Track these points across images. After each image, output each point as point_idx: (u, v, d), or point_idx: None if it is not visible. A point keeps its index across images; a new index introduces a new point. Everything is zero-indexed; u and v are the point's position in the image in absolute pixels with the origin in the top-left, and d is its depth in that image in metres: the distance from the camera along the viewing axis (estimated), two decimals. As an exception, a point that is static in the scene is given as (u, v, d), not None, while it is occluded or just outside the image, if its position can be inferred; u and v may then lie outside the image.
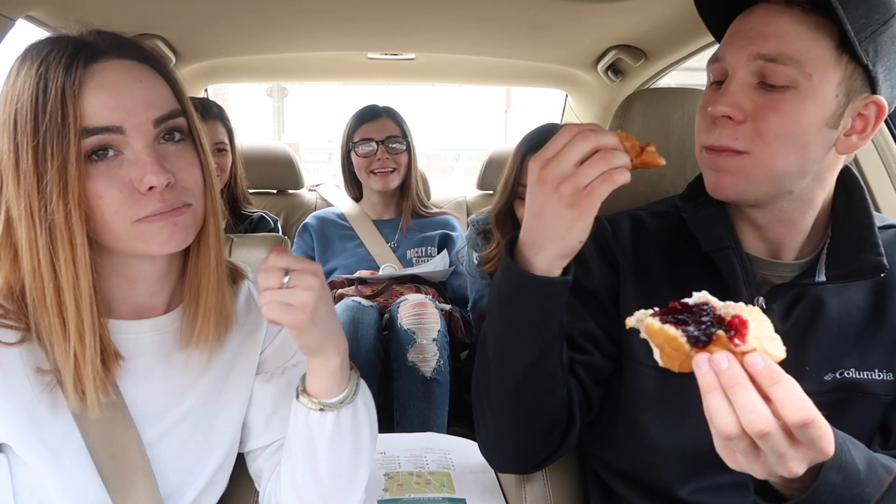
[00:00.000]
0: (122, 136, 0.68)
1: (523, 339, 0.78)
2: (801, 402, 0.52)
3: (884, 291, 0.81)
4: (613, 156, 0.65)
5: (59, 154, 0.64)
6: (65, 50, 0.67)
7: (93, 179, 0.67)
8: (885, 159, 1.33)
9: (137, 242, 0.70)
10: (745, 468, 0.58)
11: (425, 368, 1.59)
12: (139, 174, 0.68)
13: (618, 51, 1.88)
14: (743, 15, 0.77)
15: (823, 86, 0.72)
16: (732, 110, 0.73)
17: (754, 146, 0.73)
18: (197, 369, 0.83)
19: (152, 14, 1.47)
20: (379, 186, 1.99)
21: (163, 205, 0.69)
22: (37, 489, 0.71)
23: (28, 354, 0.71)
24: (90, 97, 0.66)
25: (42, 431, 0.70)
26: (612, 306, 0.90)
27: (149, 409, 0.79)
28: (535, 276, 0.73)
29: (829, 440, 0.54)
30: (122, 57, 0.70)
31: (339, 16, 1.68)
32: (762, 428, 0.52)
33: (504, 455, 0.92)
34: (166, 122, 0.71)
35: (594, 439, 0.94)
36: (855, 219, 0.81)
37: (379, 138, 1.96)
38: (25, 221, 0.66)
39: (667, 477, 0.85)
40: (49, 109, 0.64)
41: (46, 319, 0.68)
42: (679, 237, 0.88)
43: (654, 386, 0.85)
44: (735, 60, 0.74)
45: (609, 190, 0.66)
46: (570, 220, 0.69)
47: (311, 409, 0.79)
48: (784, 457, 0.54)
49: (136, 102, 0.68)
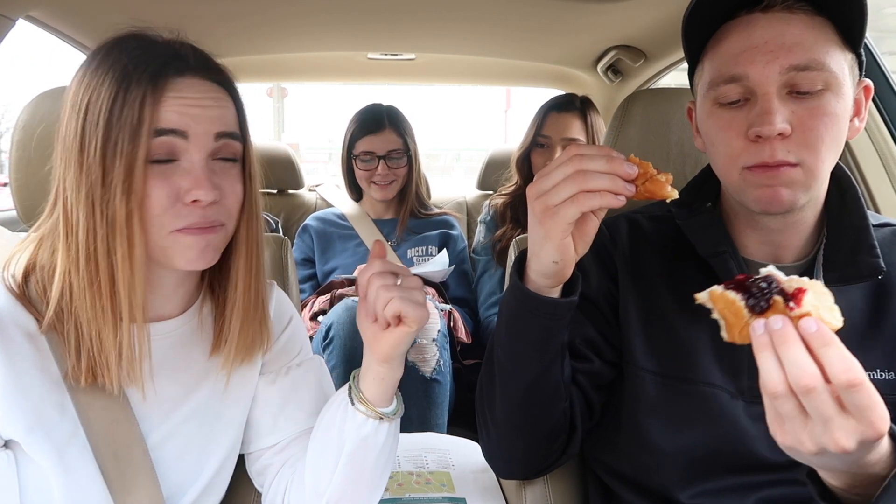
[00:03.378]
0: (184, 142, 0.70)
1: (528, 355, 0.80)
2: (849, 363, 0.52)
3: (883, 291, 0.81)
4: (588, 178, 0.65)
5: (129, 151, 0.67)
6: (155, 57, 0.70)
7: (148, 180, 0.69)
8: (885, 159, 1.33)
9: (168, 252, 0.72)
10: (793, 441, 0.56)
11: (425, 368, 1.59)
12: (189, 185, 0.70)
13: (617, 51, 1.88)
14: (741, 29, 0.75)
15: (846, 80, 0.74)
16: (785, 127, 0.71)
17: (805, 155, 0.72)
18: (202, 371, 0.83)
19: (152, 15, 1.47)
20: (379, 196, 2.00)
21: (201, 220, 0.71)
22: (42, 486, 0.71)
23: (37, 352, 0.71)
24: (167, 104, 0.69)
25: (49, 430, 0.70)
26: (610, 312, 0.90)
27: (154, 411, 0.79)
28: (538, 296, 0.75)
29: (882, 416, 0.53)
30: (205, 77, 0.74)
31: (339, 16, 1.68)
32: (807, 383, 0.52)
33: (508, 463, 0.93)
34: (225, 140, 0.74)
35: (595, 442, 0.94)
36: (850, 219, 0.81)
37: (380, 153, 1.95)
38: (85, 211, 0.68)
39: (667, 480, 0.85)
40: (126, 109, 0.67)
41: (98, 304, 0.69)
42: (677, 242, 0.88)
43: (655, 391, 0.85)
44: (764, 77, 0.72)
45: (575, 213, 0.67)
46: (541, 237, 0.71)
47: (370, 418, 0.79)
48: (830, 423, 0.53)
49: (204, 114, 0.72)
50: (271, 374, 0.91)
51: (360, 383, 0.80)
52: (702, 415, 0.82)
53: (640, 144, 1.08)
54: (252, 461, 0.92)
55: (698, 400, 0.82)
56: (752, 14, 0.75)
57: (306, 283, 1.99)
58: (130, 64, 0.69)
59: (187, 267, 0.73)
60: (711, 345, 0.83)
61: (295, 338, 0.95)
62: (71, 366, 0.71)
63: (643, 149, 1.08)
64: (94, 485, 0.72)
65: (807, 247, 0.83)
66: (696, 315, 0.84)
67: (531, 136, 1.93)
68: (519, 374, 0.81)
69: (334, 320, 1.58)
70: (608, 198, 0.66)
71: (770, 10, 0.74)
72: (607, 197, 0.66)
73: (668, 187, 0.67)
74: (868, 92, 0.79)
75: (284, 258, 1.17)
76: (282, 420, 0.89)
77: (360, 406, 0.79)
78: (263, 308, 0.85)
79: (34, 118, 1.01)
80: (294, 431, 0.89)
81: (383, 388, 0.80)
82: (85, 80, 0.69)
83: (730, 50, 0.76)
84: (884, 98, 1.33)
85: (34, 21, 1.37)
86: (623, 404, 0.89)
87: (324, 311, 1.74)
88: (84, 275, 0.69)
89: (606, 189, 0.65)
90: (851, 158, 1.35)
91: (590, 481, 0.99)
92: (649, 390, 0.86)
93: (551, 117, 1.91)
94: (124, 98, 0.67)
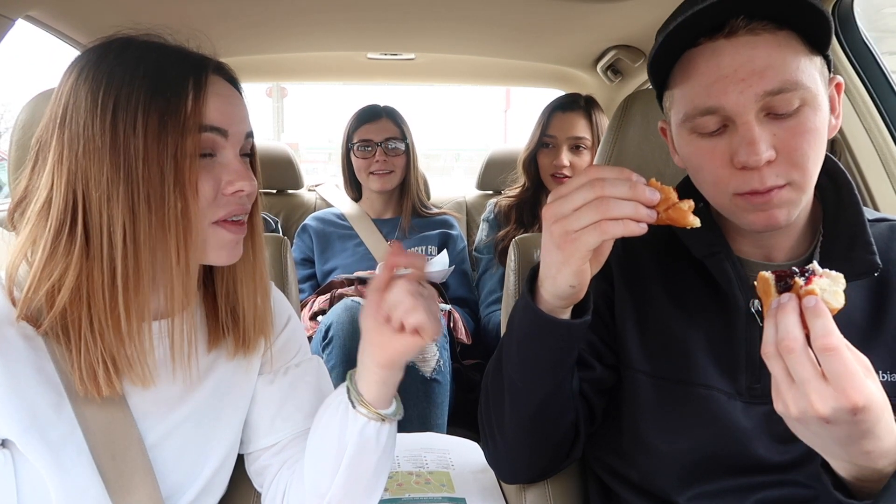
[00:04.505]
0: (223, 139, 0.73)
1: (541, 375, 0.80)
2: (830, 330, 0.56)
3: (883, 290, 0.80)
4: (611, 205, 0.63)
5: (179, 147, 0.68)
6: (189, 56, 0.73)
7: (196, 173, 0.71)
8: (885, 159, 1.33)
9: (206, 246, 0.74)
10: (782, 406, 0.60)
11: (425, 368, 1.59)
12: (230, 177, 0.73)
13: (617, 51, 1.88)
14: (707, 57, 0.73)
15: (820, 90, 0.73)
16: (771, 153, 0.71)
17: (794, 174, 0.72)
18: (201, 371, 0.83)
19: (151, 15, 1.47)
20: (377, 187, 2.00)
21: (239, 209, 0.75)
22: (38, 486, 0.71)
23: (34, 352, 0.71)
24: (210, 99, 0.72)
25: (45, 430, 0.70)
26: (608, 314, 0.90)
27: (152, 410, 0.79)
28: (553, 320, 0.74)
29: (856, 387, 0.55)
30: (225, 78, 0.77)
31: (338, 16, 1.68)
32: (788, 344, 0.57)
33: (513, 470, 0.94)
34: (250, 139, 0.79)
35: (596, 442, 0.94)
36: (846, 216, 0.80)
37: (378, 140, 1.97)
38: (124, 205, 0.67)
39: (666, 482, 0.85)
40: (171, 105, 0.68)
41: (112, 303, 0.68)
42: (671, 242, 0.87)
43: (652, 393, 0.85)
44: (740, 106, 0.71)
45: (597, 240, 0.65)
46: (559, 262, 0.69)
47: (371, 420, 0.78)
48: (807, 385, 0.57)
49: (239, 114, 0.76)
50: (269, 374, 0.90)
51: (359, 385, 0.79)
52: (699, 417, 0.82)
53: (640, 144, 1.08)
54: (251, 462, 0.92)
55: (695, 402, 0.82)
56: (716, 41, 0.72)
57: (306, 283, 1.99)
58: (165, 61, 0.70)
59: (218, 262, 0.76)
60: (708, 346, 0.83)
61: (293, 338, 0.95)
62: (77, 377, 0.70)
63: (643, 149, 1.08)
64: (92, 485, 0.72)
65: (801, 245, 0.83)
66: (691, 316, 0.85)
67: (537, 137, 1.94)
68: (531, 393, 0.81)
69: (334, 320, 1.58)
70: (631, 226, 0.64)
71: (734, 35, 0.71)
72: (630, 225, 0.64)
73: (690, 215, 0.66)
74: (840, 88, 0.78)
75: (284, 258, 1.17)
76: (279, 421, 0.89)
77: (362, 409, 0.78)
78: (265, 301, 0.85)
79: (34, 118, 1.01)
80: (292, 432, 0.89)
81: (385, 391, 0.79)
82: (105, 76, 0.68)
83: (700, 81, 0.73)
84: (884, 98, 1.33)
85: (33, 21, 1.37)
86: (622, 406, 0.89)
87: (323, 311, 1.74)
88: (107, 276, 0.68)
89: (629, 217, 0.64)
90: (851, 158, 1.35)
91: (590, 481, 0.99)
92: (646, 393, 0.86)
93: (556, 117, 1.91)
94: (168, 94, 0.68)
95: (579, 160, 1.89)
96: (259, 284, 0.85)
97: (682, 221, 0.66)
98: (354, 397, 0.79)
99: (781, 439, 0.79)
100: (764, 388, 0.79)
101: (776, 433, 0.79)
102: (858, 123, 1.34)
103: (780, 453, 0.79)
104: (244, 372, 0.88)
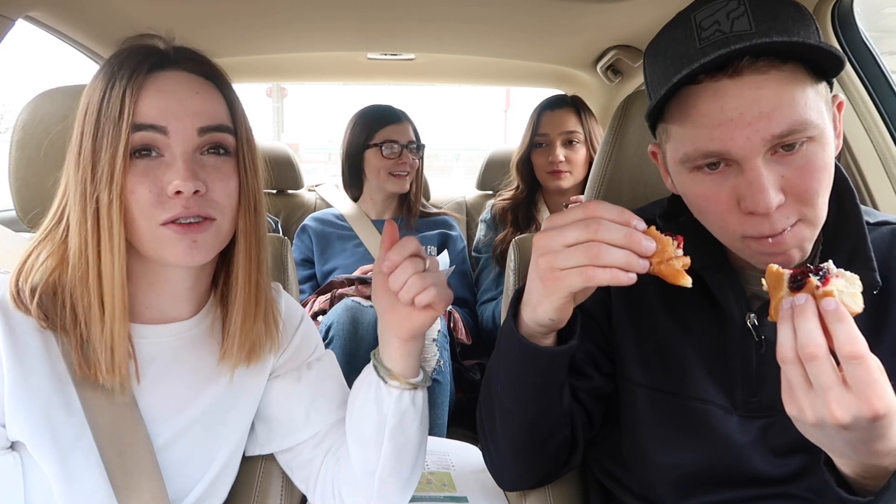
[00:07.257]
0: (164, 137, 0.71)
1: (529, 396, 0.80)
2: (855, 337, 0.54)
3: (882, 297, 0.77)
4: (602, 252, 0.61)
5: (112, 144, 0.69)
6: (137, 56, 0.73)
7: (131, 174, 0.71)
8: (885, 160, 1.33)
9: (159, 248, 0.73)
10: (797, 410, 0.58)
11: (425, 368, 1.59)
12: (170, 178, 0.71)
13: (617, 51, 1.89)
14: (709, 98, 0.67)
15: (826, 123, 0.70)
16: (780, 198, 0.67)
17: (805, 211, 0.69)
18: (210, 373, 0.83)
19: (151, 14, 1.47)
20: (395, 188, 1.98)
21: (185, 211, 0.71)
22: (46, 487, 0.71)
23: (45, 348, 0.72)
24: (146, 98, 0.71)
25: (56, 430, 0.71)
26: (607, 324, 0.90)
27: (162, 412, 0.79)
28: (536, 348, 0.74)
29: (879, 395, 0.54)
30: (187, 70, 0.75)
31: (338, 16, 1.68)
32: (811, 351, 0.55)
33: (511, 480, 0.94)
34: (211, 134, 0.74)
35: (596, 446, 0.94)
36: (847, 229, 0.78)
37: (403, 142, 1.96)
38: (79, 203, 0.71)
39: (664, 493, 0.85)
40: (111, 105, 0.70)
41: (86, 299, 0.71)
42: None
43: (648, 405, 0.85)
44: (746, 151, 0.66)
45: (580, 285, 0.63)
46: (541, 294, 0.68)
47: (405, 390, 0.82)
48: (829, 393, 0.55)
49: (186, 109, 0.73)
50: (294, 371, 0.92)
51: (386, 362, 0.82)
52: (695, 430, 0.81)
53: (640, 144, 1.08)
54: (292, 458, 0.93)
55: (691, 415, 0.82)
56: (719, 81, 0.67)
57: (306, 283, 1.99)
58: (116, 63, 0.72)
59: (179, 263, 0.73)
60: (703, 359, 0.82)
61: (309, 335, 0.96)
62: (77, 362, 0.72)
63: (642, 149, 1.08)
64: (99, 488, 0.72)
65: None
66: (687, 329, 0.84)
67: (529, 138, 1.97)
68: (521, 413, 0.81)
69: (334, 320, 1.58)
70: (619, 275, 0.61)
71: (738, 76, 0.66)
72: (618, 274, 0.61)
73: (682, 275, 0.63)
74: (841, 107, 0.75)
75: (284, 258, 1.17)
76: (314, 413, 0.90)
77: (394, 382, 0.81)
78: (267, 305, 0.84)
79: (34, 118, 1.01)
80: (327, 422, 0.91)
81: (411, 362, 0.82)
82: (87, 90, 0.73)
83: (702, 123, 0.68)
84: (884, 98, 1.33)
85: (34, 21, 1.37)
86: (620, 416, 0.89)
87: (323, 310, 1.74)
88: (78, 270, 0.71)
89: (619, 266, 0.61)
90: (851, 158, 1.35)
91: (590, 484, 0.99)
92: (643, 404, 0.85)
93: (546, 116, 1.95)
94: (109, 95, 0.70)
95: (574, 154, 1.91)
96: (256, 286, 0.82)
97: (673, 280, 0.64)
98: (384, 373, 0.82)
99: (779, 453, 0.78)
100: (760, 402, 0.79)
101: (773, 447, 0.78)
102: (858, 123, 1.34)
103: (778, 467, 0.78)
104: (255, 374, 0.88)
